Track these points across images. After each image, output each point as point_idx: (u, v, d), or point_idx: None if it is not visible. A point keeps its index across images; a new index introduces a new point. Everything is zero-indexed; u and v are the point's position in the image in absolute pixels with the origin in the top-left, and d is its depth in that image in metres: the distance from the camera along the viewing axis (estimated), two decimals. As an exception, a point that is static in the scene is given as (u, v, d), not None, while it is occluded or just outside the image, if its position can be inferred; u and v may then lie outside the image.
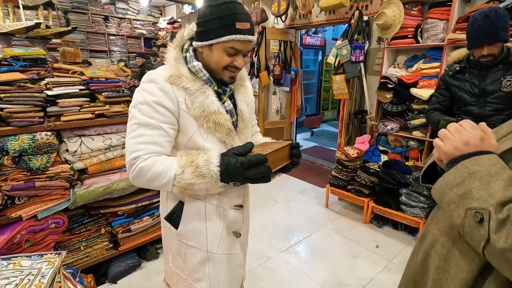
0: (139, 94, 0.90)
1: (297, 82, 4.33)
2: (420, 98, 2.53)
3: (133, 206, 1.99)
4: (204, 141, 0.92)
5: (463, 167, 0.55)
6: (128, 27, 6.38)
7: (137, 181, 0.89)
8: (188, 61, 0.92)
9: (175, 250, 1.05)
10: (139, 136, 0.87)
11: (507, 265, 0.48)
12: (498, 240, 0.47)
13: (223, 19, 0.84)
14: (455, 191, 0.54)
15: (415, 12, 2.60)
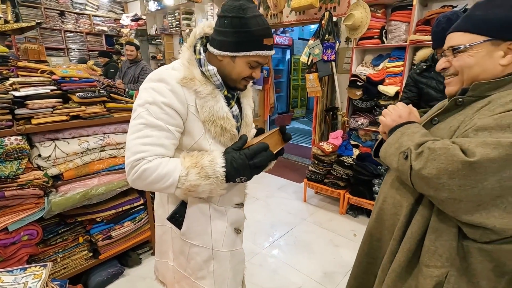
0: (147, 92, 0.86)
1: (269, 80, 4.41)
2: (386, 94, 2.72)
3: (113, 212, 1.90)
4: (209, 145, 0.93)
5: (398, 132, 0.80)
6: (87, 24, 5.98)
7: (137, 183, 0.86)
8: (202, 64, 0.90)
9: (178, 250, 1.04)
10: (145, 137, 0.84)
11: (425, 183, 0.68)
12: (416, 165, 0.69)
13: (253, 34, 0.84)
14: (393, 147, 0.78)
15: (379, 15, 2.79)
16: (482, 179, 0.60)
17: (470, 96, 0.76)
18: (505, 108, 0.65)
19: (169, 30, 5.25)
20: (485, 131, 0.64)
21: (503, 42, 0.71)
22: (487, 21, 0.72)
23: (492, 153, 0.59)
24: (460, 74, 0.79)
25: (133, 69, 3.71)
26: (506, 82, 0.71)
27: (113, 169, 1.84)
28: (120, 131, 1.86)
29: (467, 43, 0.74)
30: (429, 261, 0.73)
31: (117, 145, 1.83)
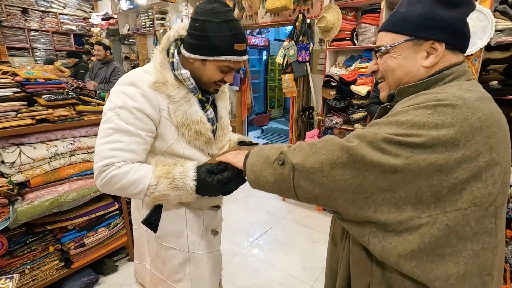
0: (118, 96, 0.85)
1: (246, 81, 4.42)
2: (359, 94, 2.83)
3: (86, 218, 1.83)
4: (183, 149, 0.92)
5: (249, 163, 0.76)
6: (54, 22, 5.68)
7: (105, 188, 0.85)
8: (175, 67, 0.88)
9: (154, 253, 1.03)
10: (114, 142, 0.82)
11: (309, 182, 0.63)
12: (295, 161, 0.64)
13: (223, 39, 0.83)
14: (259, 163, 0.72)
15: (350, 17, 2.90)
16: (362, 168, 0.57)
17: (398, 101, 0.70)
18: (402, 106, 0.64)
19: (143, 30, 5.12)
20: (375, 126, 0.62)
21: (424, 41, 0.65)
22: (406, 18, 0.66)
23: (365, 147, 0.57)
24: (386, 78, 0.73)
25: (104, 70, 3.58)
26: (431, 82, 0.66)
27: (84, 174, 1.77)
28: (92, 134, 1.79)
29: (388, 44, 0.69)
30: (353, 273, 0.72)
31: (89, 149, 1.77)
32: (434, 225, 0.57)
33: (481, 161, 0.54)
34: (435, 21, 0.63)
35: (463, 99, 0.56)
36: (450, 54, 0.66)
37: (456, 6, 0.63)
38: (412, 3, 0.66)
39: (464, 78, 0.65)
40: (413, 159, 0.55)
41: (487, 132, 0.55)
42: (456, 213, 0.56)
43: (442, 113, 0.55)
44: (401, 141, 0.56)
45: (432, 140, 0.54)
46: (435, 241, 0.57)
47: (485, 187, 0.56)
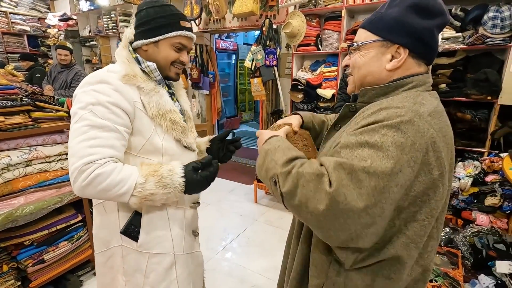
0: (88, 95, 0.82)
1: (216, 85, 4.41)
2: (324, 97, 2.95)
3: (45, 232, 1.71)
4: (161, 141, 0.93)
5: (262, 149, 0.73)
6: (4, 22, 5.25)
7: (87, 190, 0.79)
8: (141, 61, 0.92)
9: (132, 268, 0.97)
10: (92, 139, 0.79)
11: (296, 212, 0.63)
12: (285, 192, 0.62)
13: (169, 18, 0.90)
14: (263, 170, 0.70)
15: (314, 24, 3.02)
16: (345, 205, 0.55)
17: (361, 102, 0.73)
18: (366, 121, 0.62)
19: (105, 32, 4.90)
20: (347, 149, 0.60)
21: (392, 44, 0.66)
22: (382, 19, 0.68)
23: (346, 177, 0.56)
24: (353, 75, 0.75)
25: (65, 74, 3.37)
26: (392, 88, 0.67)
27: (43, 185, 1.66)
28: (50, 142, 1.69)
29: (360, 41, 0.71)
30: (311, 271, 0.74)
31: (47, 158, 1.66)
32: (396, 235, 0.61)
33: (435, 174, 0.59)
34: (404, 27, 0.65)
35: (418, 114, 0.59)
36: (413, 62, 0.67)
37: (429, 17, 0.65)
38: (391, 5, 0.68)
39: (422, 88, 0.67)
40: (389, 186, 0.56)
41: (438, 147, 0.59)
42: (415, 224, 0.61)
43: (404, 130, 0.57)
44: (377, 170, 0.55)
45: (400, 162, 0.55)
46: (394, 250, 0.61)
47: (440, 198, 0.61)
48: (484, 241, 1.87)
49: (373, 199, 0.55)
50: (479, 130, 2.34)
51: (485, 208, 2.15)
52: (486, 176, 2.14)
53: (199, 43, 4.09)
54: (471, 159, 2.37)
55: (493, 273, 1.69)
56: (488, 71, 2.16)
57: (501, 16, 2.06)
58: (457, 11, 2.25)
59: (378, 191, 0.55)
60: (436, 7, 0.65)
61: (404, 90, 0.67)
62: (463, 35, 2.26)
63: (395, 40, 0.66)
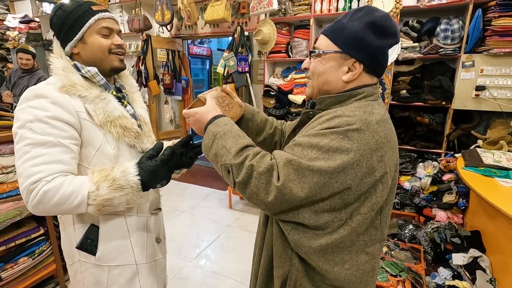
0: (25, 112, 0.79)
1: (189, 90, 4.38)
2: (296, 102, 3.04)
3: (3, 248, 1.60)
4: (113, 149, 0.88)
5: (210, 131, 0.76)
6: (-44, 23, 4.87)
7: (40, 208, 0.77)
8: (80, 67, 0.87)
9: (93, 283, 0.95)
10: (35, 157, 0.76)
11: (243, 193, 0.69)
12: (238, 181, 0.68)
13: (78, 9, 0.86)
14: (211, 153, 0.74)
15: (284, 32, 3.11)
16: (290, 196, 0.64)
17: (318, 109, 0.77)
18: (321, 126, 0.69)
19: (71, 36, 4.70)
20: (299, 147, 0.68)
21: (349, 57, 0.71)
22: (343, 31, 0.71)
23: (293, 172, 0.64)
24: (312, 79, 0.79)
25: (27, 79, 3.18)
26: (345, 97, 0.73)
27: (0, 197, 1.56)
28: (7, 152, 1.59)
29: (321, 49, 0.74)
30: (275, 263, 0.79)
31: (4, 169, 1.57)
32: (342, 226, 0.69)
33: (377, 175, 0.67)
34: (362, 44, 0.70)
35: (367, 123, 0.66)
36: (366, 75, 0.74)
37: (384, 37, 0.70)
38: (352, 18, 0.71)
39: (372, 98, 0.74)
40: (329, 182, 0.64)
41: (381, 152, 0.67)
42: (358, 216, 0.69)
43: (351, 138, 0.64)
44: (321, 169, 0.63)
45: (343, 164, 0.63)
46: (340, 238, 0.69)
47: (381, 195, 0.69)
48: (443, 236, 2.02)
49: (314, 191, 0.64)
50: (436, 132, 2.53)
51: (443, 205, 2.31)
52: (443, 175, 2.31)
53: (171, 49, 4.05)
54: (430, 159, 2.54)
55: (450, 265, 1.82)
56: (442, 79, 2.35)
57: (451, 28, 2.26)
58: (413, 23, 2.43)
59: (319, 185, 0.64)
60: (391, 29, 0.72)
61: (356, 100, 0.73)
62: (419, 45, 2.44)
63: (353, 55, 0.71)
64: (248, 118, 1.01)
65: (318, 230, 0.69)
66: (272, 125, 1.06)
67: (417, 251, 2.03)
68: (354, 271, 0.72)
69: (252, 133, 1.03)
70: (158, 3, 3.60)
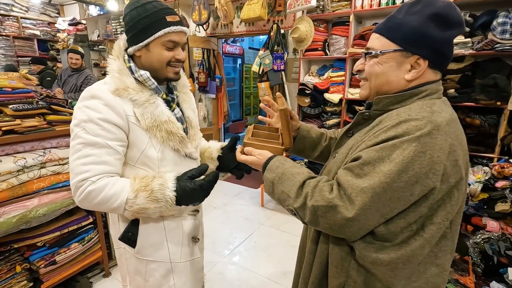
0: (81, 112, 0.84)
1: (222, 89, 4.44)
2: (332, 101, 2.96)
3: (57, 234, 1.74)
4: (157, 152, 0.91)
5: (267, 179, 0.77)
6: (15, 26, 5.35)
7: (84, 204, 0.85)
8: (134, 71, 0.89)
9: (133, 270, 1.00)
10: (85, 157, 0.82)
11: (319, 228, 0.70)
12: (308, 222, 0.69)
13: (152, 16, 0.85)
14: (275, 198, 0.77)
15: (322, 29, 3.04)
16: (364, 219, 0.63)
17: (375, 110, 0.74)
18: (386, 135, 0.64)
19: (113, 36, 4.97)
20: (370, 166, 0.63)
21: (411, 55, 0.67)
22: (401, 27, 0.67)
23: (369, 201, 0.61)
24: (368, 81, 0.75)
25: (76, 78, 3.42)
26: (406, 96, 0.69)
27: (56, 187, 1.69)
28: (64, 145, 1.72)
29: (379, 49, 0.70)
30: (330, 273, 0.76)
31: (60, 160, 1.69)
32: (412, 237, 0.64)
33: (452, 181, 0.62)
34: (425, 38, 0.65)
35: (437, 125, 0.61)
36: (430, 72, 0.69)
37: (448, 28, 0.65)
38: (410, 12, 0.67)
39: (435, 96, 0.69)
40: (404, 196, 0.61)
41: (455, 156, 0.62)
42: (432, 226, 0.64)
43: (423, 144, 0.59)
44: (396, 184, 0.60)
45: (418, 174, 0.59)
46: (412, 251, 0.64)
47: (456, 203, 0.64)
48: (495, 248, 1.86)
49: (389, 208, 0.62)
50: (488, 135, 2.33)
51: (495, 214, 2.13)
52: (496, 182, 2.12)
53: (206, 48, 4.13)
54: (480, 164, 2.35)
55: (505, 280, 1.67)
56: (497, 77, 2.15)
57: (510, 21, 2.06)
58: (466, 17, 2.25)
59: (394, 200, 0.61)
60: (457, 18, 0.66)
61: (419, 99, 0.68)
62: (472, 41, 2.26)
63: (415, 52, 0.66)
64: (303, 135, 1.01)
65: (386, 242, 0.65)
66: (326, 138, 1.04)
67: (464, 262, 1.89)
68: (423, 284, 0.67)
69: (308, 149, 1.03)
70: (196, 3, 3.68)
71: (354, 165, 0.66)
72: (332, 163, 0.82)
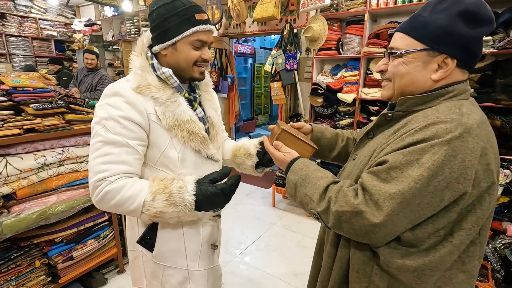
0: (102, 109, 0.82)
1: (234, 88, 4.46)
2: (345, 101, 2.92)
3: (74, 230, 1.78)
4: (178, 153, 0.88)
5: (289, 181, 0.77)
6: (34, 28, 5.51)
7: (101, 205, 0.83)
8: (156, 68, 0.87)
9: (150, 274, 0.99)
10: (104, 155, 0.80)
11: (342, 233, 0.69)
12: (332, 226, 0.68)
13: (182, 14, 0.82)
14: (297, 201, 0.76)
15: (335, 28, 3.00)
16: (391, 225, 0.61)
17: (399, 111, 0.72)
18: (414, 138, 0.62)
19: (128, 37, 5.06)
20: (397, 170, 0.61)
21: (439, 54, 0.64)
22: (427, 26, 0.64)
23: (397, 207, 0.59)
24: (392, 81, 0.73)
25: (91, 77, 3.50)
26: (432, 97, 0.67)
27: (73, 184, 1.72)
28: (81, 143, 1.75)
29: (403, 49, 0.68)
30: (351, 278, 0.74)
31: (78, 158, 1.73)
32: (440, 243, 0.62)
33: (483, 186, 0.60)
34: (453, 37, 0.62)
35: (468, 128, 0.59)
36: (458, 71, 0.66)
37: (478, 25, 0.62)
38: (436, 10, 0.64)
39: (463, 97, 0.66)
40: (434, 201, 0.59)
41: (486, 159, 0.59)
42: (461, 232, 0.62)
43: (454, 148, 0.57)
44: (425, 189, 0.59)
45: (449, 179, 0.57)
46: (440, 258, 0.62)
47: (487, 208, 0.62)
48: (517, 254, 1.79)
49: (418, 214, 0.61)
50: (509, 137, 2.25)
51: (516, 219, 2.06)
52: (517, 185, 2.05)
53: (218, 47, 4.14)
54: (500, 167, 2.27)
55: (528, 288, 1.61)
56: (520, 76, 2.08)
57: (535, 19, 1.98)
58: (486, 15, 2.18)
59: (423, 206, 0.60)
60: (487, 15, 0.63)
61: (446, 99, 0.66)
62: (493, 39, 2.19)
63: (443, 50, 0.64)
64: (318, 137, 0.99)
65: (413, 248, 0.63)
66: (344, 137, 1.02)
67: (483, 268, 1.84)
68: None
69: (325, 150, 1.01)
70: (209, 3, 3.70)
71: (380, 170, 0.64)
72: (352, 165, 0.80)
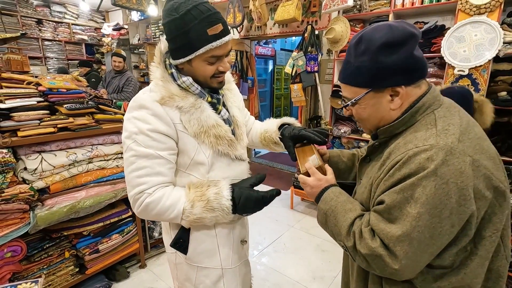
0: (131, 123, 0.84)
1: (254, 90, 4.49)
2: (367, 104, 2.87)
3: (101, 225, 1.87)
4: (207, 158, 0.90)
5: (320, 209, 0.78)
6: (67, 32, 5.85)
7: (143, 216, 0.88)
8: (176, 77, 0.87)
9: (184, 277, 1.01)
10: (139, 169, 0.83)
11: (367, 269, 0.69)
12: (358, 262, 0.69)
13: (192, 31, 0.77)
14: (328, 229, 0.77)
15: (358, 29, 2.95)
16: (413, 264, 0.61)
17: (383, 138, 0.74)
18: (401, 173, 0.62)
19: (152, 40, 5.24)
20: (397, 210, 0.62)
21: (384, 89, 0.66)
22: (359, 70, 0.66)
23: (409, 248, 0.60)
24: (362, 123, 0.77)
25: (118, 79, 3.66)
26: (406, 119, 0.67)
27: (101, 181, 1.81)
28: (108, 142, 1.84)
29: (352, 98, 0.70)
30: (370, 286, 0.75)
31: (105, 156, 1.82)
32: (468, 257, 0.62)
33: (489, 195, 0.59)
34: (385, 70, 0.64)
35: (448, 149, 0.58)
36: (412, 89, 0.67)
37: (400, 47, 0.63)
38: (358, 54, 0.66)
39: (436, 106, 0.66)
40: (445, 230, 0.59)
41: (481, 170, 0.58)
42: (483, 241, 0.62)
43: (442, 176, 0.56)
44: (429, 224, 0.59)
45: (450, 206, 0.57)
46: (471, 272, 0.62)
47: (500, 211, 0.61)
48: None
49: (434, 246, 0.60)
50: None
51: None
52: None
53: (239, 50, 4.20)
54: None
55: None
56: (560, 78, 1.94)
57: None
58: (521, 13, 2.07)
59: (436, 238, 0.59)
60: (401, 37, 0.62)
61: (420, 115, 0.67)
62: (527, 39, 2.06)
63: (385, 85, 0.66)
64: (335, 161, 1.01)
65: (444, 269, 0.64)
66: (359, 158, 1.01)
67: None
68: None
69: (343, 172, 1.02)
70: (231, 6, 3.76)
71: (381, 210, 0.65)
72: (358, 189, 0.82)
